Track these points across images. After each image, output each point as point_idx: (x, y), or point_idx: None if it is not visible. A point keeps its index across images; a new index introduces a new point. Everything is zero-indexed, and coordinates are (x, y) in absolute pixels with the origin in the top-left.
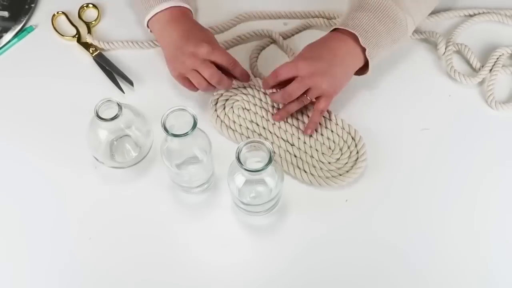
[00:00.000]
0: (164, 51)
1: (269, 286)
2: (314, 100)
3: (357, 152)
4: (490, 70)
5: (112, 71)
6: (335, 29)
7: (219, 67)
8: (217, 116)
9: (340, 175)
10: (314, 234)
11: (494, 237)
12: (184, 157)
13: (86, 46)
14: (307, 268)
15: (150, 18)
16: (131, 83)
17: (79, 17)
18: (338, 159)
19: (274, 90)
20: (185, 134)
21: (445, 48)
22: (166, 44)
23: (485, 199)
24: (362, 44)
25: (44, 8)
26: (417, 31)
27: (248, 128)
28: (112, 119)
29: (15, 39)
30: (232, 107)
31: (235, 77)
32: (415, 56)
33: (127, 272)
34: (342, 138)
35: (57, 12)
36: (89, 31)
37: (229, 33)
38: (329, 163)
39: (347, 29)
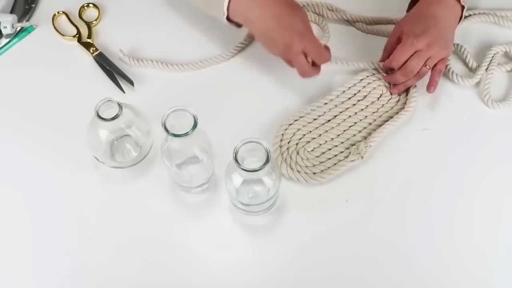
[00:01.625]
0: (257, 31)
1: (269, 285)
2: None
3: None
4: (486, 69)
5: (112, 70)
6: None
7: None
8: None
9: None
10: (314, 233)
11: (493, 237)
12: (184, 157)
13: (87, 46)
14: (306, 267)
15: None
16: (131, 82)
17: (80, 17)
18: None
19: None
20: (186, 134)
21: None
22: (262, 23)
23: (484, 197)
24: (462, 2)
25: (44, 8)
26: None
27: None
28: (113, 119)
29: (16, 39)
30: (297, 151)
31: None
32: None
33: (126, 272)
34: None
35: (58, 12)
36: (90, 31)
37: None
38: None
39: None
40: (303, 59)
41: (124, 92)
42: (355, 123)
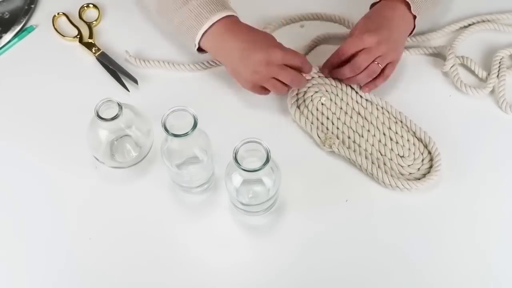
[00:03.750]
0: (227, 66)
1: (268, 285)
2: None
3: (431, 160)
4: (497, 75)
5: (116, 70)
6: None
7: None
8: (297, 107)
9: (409, 180)
10: (314, 233)
11: (495, 236)
12: (184, 157)
13: (89, 46)
14: (306, 268)
15: (203, 35)
16: (135, 81)
17: (80, 17)
18: (409, 165)
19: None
20: (186, 134)
21: (451, 66)
22: (228, 58)
23: (489, 200)
24: (412, 12)
25: (44, 9)
26: (427, 46)
27: (323, 124)
28: (113, 119)
29: (16, 39)
30: (312, 99)
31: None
32: (421, 71)
33: (126, 272)
34: (415, 145)
35: (58, 13)
36: (91, 31)
37: None
38: (402, 167)
39: None
40: (274, 82)
41: (128, 91)
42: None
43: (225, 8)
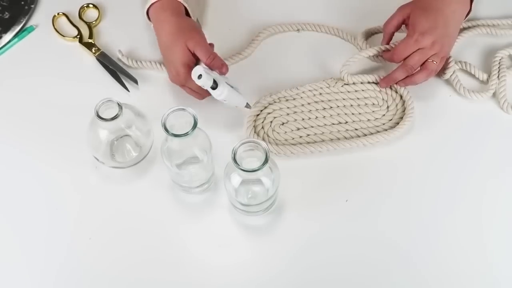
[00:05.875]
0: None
1: (268, 285)
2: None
3: (403, 104)
4: (498, 76)
5: (116, 70)
6: None
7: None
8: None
9: (386, 130)
10: (313, 233)
11: (497, 237)
12: (184, 157)
13: (88, 46)
14: (305, 267)
15: (150, 6)
16: (135, 81)
17: (80, 17)
18: (383, 115)
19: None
20: (186, 134)
21: (451, 74)
22: (159, 38)
23: (490, 200)
24: None
25: (43, 9)
26: None
27: (294, 138)
28: (113, 119)
29: (15, 39)
30: (271, 125)
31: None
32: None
33: (127, 271)
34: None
35: (58, 13)
36: (91, 31)
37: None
38: (375, 119)
39: None
40: (189, 90)
41: (128, 91)
42: (340, 123)
43: None
